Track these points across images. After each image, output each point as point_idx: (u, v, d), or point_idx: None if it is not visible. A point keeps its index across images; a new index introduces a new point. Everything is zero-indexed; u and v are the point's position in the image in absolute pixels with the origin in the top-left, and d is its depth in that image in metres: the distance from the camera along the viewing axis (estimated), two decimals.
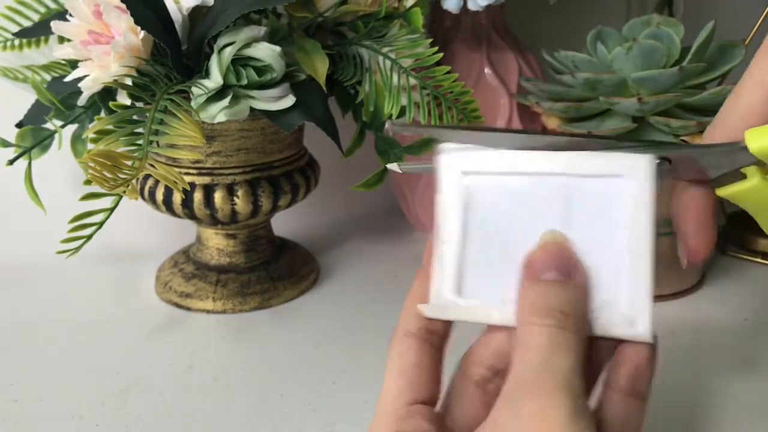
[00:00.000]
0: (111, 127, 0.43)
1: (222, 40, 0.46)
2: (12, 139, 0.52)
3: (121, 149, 0.42)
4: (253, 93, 0.47)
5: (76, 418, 0.44)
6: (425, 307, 0.31)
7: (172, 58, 0.46)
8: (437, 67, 0.48)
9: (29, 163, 0.52)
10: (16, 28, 0.58)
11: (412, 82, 0.48)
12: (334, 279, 0.61)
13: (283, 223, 0.64)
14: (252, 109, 0.47)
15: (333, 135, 0.49)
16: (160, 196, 0.53)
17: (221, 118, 0.45)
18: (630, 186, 0.30)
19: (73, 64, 0.49)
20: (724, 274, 0.60)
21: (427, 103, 0.49)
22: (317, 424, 0.43)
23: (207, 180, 0.53)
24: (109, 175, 0.41)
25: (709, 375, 0.47)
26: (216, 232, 0.57)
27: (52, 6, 0.57)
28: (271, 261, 0.59)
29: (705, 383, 0.46)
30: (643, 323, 0.29)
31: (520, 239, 0.30)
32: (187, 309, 0.56)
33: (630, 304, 0.29)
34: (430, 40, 0.48)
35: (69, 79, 0.48)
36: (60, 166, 0.61)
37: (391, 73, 0.48)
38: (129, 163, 0.42)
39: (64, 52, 0.47)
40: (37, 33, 0.56)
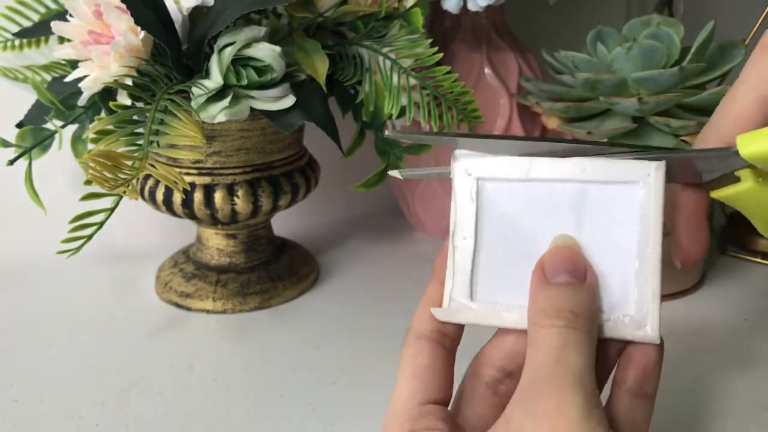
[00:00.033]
0: (111, 127, 0.43)
1: (222, 40, 0.46)
2: (12, 139, 0.52)
3: (121, 149, 0.42)
4: (253, 93, 0.47)
5: (76, 418, 0.44)
6: (438, 310, 0.32)
7: (172, 58, 0.46)
8: (437, 67, 0.48)
9: (29, 163, 0.52)
10: (16, 28, 0.58)
11: (412, 82, 0.48)
12: (334, 279, 0.61)
13: (283, 223, 0.64)
14: (252, 109, 0.47)
15: (333, 135, 0.49)
16: (160, 196, 0.53)
17: (221, 118, 0.45)
18: (640, 192, 0.30)
19: (73, 64, 0.49)
20: (724, 274, 0.60)
21: (427, 103, 0.49)
22: (317, 424, 0.43)
23: (207, 180, 0.53)
24: (109, 175, 0.41)
25: (709, 375, 0.47)
26: (216, 232, 0.57)
27: (52, 6, 0.57)
28: (271, 261, 0.59)
29: (705, 383, 0.47)
30: (652, 326, 0.30)
31: (533, 244, 0.31)
32: (187, 309, 0.56)
33: (639, 307, 0.30)
34: (430, 40, 0.48)
35: (69, 79, 0.48)
36: (60, 166, 0.61)
37: (391, 73, 0.48)
38: (129, 163, 0.42)
39: (64, 52, 0.47)
40: (37, 33, 0.56)
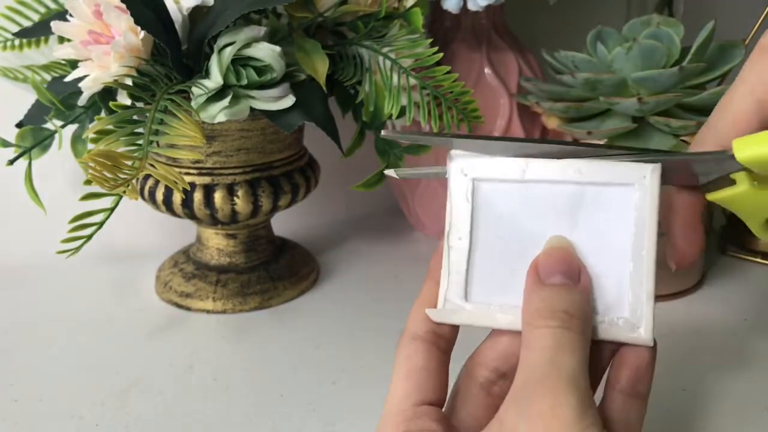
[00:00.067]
0: (111, 127, 0.43)
1: (222, 40, 0.46)
2: (12, 139, 0.52)
3: (121, 149, 0.42)
4: (253, 93, 0.47)
5: (76, 418, 0.44)
6: (433, 311, 0.32)
7: (172, 58, 0.46)
8: (437, 67, 0.48)
9: (29, 163, 0.52)
10: (16, 28, 0.58)
11: (412, 82, 0.48)
12: (334, 279, 0.61)
13: (283, 223, 0.64)
14: (252, 109, 0.47)
15: (333, 135, 0.49)
16: (160, 196, 0.53)
17: (221, 118, 0.45)
18: (636, 194, 0.30)
19: (73, 64, 0.49)
20: (724, 274, 0.60)
21: (427, 103, 0.49)
22: (317, 424, 0.43)
23: (207, 180, 0.53)
24: (109, 175, 0.41)
25: (709, 375, 0.47)
26: (216, 232, 0.57)
27: (52, 6, 0.57)
28: (271, 261, 0.59)
29: (705, 383, 0.46)
30: (645, 328, 0.30)
31: (528, 245, 0.31)
32: (187, 309, 0.56)
33: (632, 309, 0.30)
34: (430, 40, 0.48)
35: (69, 79, 0.48)
36: (60, 166, 0.61)
37: (391, 73, 0.48)
38: (129, 163, 0.42)
39: (64, 52, 0.47)
40: (37, 33, 0.56)
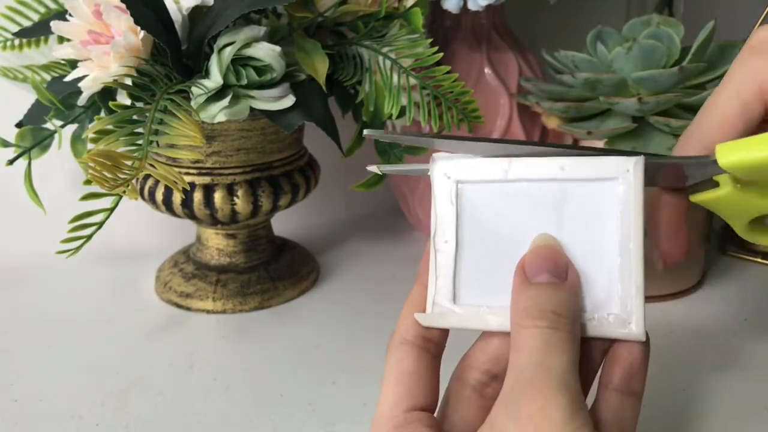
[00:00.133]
0: (111, 127, 0.43)
1: (222, 40, 0.46)
2: (12, 139, 0.52)
3: (121, 149, 0.42)
4: (253, 93, 0.47)
5: (76, 418, 0.44)
6: (422, 316, 0.31)
7: (172, 58, 0.46)
8: (437, 67, 0.48)
9: (29, 163, 0.52)
10: (16, 28, 0.58)
11: (412, 82, 0.48)
12: (334, 279, 0.61)
13: (283, 223, 0.64)
14: (252, 109, 0.47)
15: (333, 135, 0.49)
16: (160, 196, 0.53)
17: (221, 118, 0.45)
18: (620, 188, 0.30)
19: (73, 64, 0.49)
20: (724, 274, 0.60)
21: (427, 103, 0.49)
22: (317, 424, 0.43)
23: (207, 180, 0.53)
24: (109, 175, 0.41)
25: (709, 375, 0.47)
26: (216, 232, 0.57)
27: (52, 6, 0.57)
28: (271, 261, 0.59)
29: (705, 383, 0.46)
30: (636, 323, 0.30)
31: (514, 245, 0.31)
32: (187, 309, 0.56)
33: (622, 304, 0.30)
34: (430, 40, 0.48)
35: (69, 79, 0.48)
36: (60, 166, 0.61)
37: (391, 73, 0.48)
38: (129, 163, 0.42)
39: (64, 52, 0.47)
40: (37, 33, 0.56)
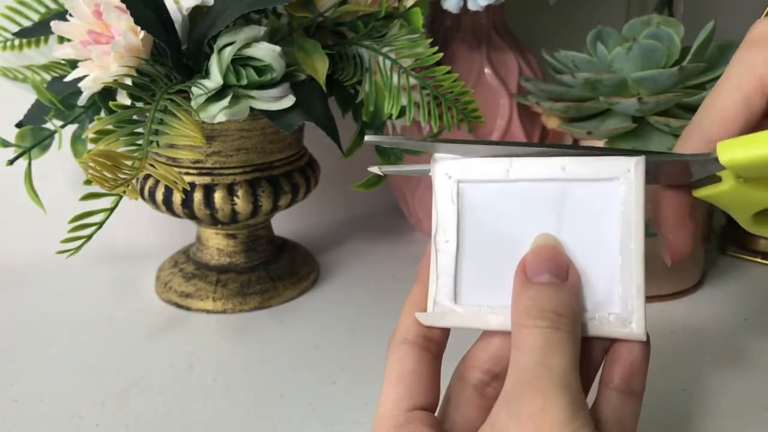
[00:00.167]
0: (111, 127, 0.43)
1: (222, 40, 0.46)
2: (12, 139, 0.52)
3: (121, 149, 0.42)
4: (253, 93, 0.47)
5: (76, 418, 0.44)
6: (423, 315, 0.31)
7: (172, 58, 0.46)
8: (437, 67, 0.48)
9: (29, 163, 0.52)
10: (16, 28, 0.58)
11: (412, 82, 0.48)
12: (334, 279, 0.61)
13: (283, 223, 0.64)
14: (252, 109, 0.47)
15: (333, 135, 0.49)
16: (160, 196, 0.53)
17: (221, 118, 0.45)
18: (621, 188, 0.30)
19: (73, 64, 0.49)
20: (724, 274, 0.60)
21: (427, 103, 0.49)
22: (317, 424, 0.43)
23: (207, 180, 0.53)
24: (109, 175, 0.41)
25: (709, 375, 0.47)
26: (216, 232, 0.57)
27: (52, 6, 0.57)
28: (271, 261, 0.59)
29: (705, 383, 0.46)
30: (637, 323, 0.30)
31: (515, 244, 0.31)
32: (187, 309, 0.56)
33: (623, 304, 0.30)
34: (430, 40, 0.48)
35: (69, 79, 0.48)
36: (60, 166, 0.61)
37: (391, 73, 0.48)
38: (129, 163, 0.42)
39: (64, 52, 0.47)
40: (37, 33, 0.56)
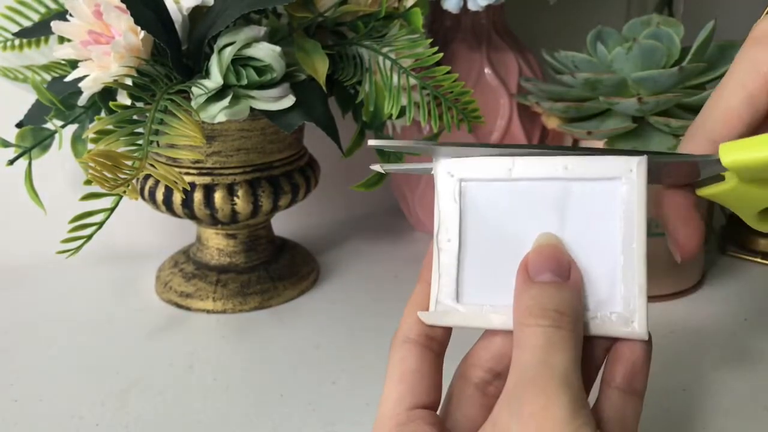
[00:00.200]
0: (111, 127, 0.43)
1: (222, 40, 0.46)
2: (12, 139, 0.52)
3: (121, 149, 0.42)
4: (253, 93, 0.47)
5: (76, 418, 0.44)
6: (425, 314, 0.31)
7: (172, 58, 0.46)
8: (437, 67, 0.48)
9: (29, 163, 0.52)
10: (16, 28, 0.58)
11: (412, 82, 0.48)
12: (334, 279, 0.61)
13: (283, 223, 0.64)
14: (252, 109, 0.47)
15: (333, 135, 0.49)
16: (160, 196, 0.53)
17: (221, 118, 0.45)
18: (623, 188, 0.30)
19: (73, 64, 0.49)
20: (724, 274, 0.60)
21: (427, 103, 0.49)
22: (317, 424, 0.43)
23: (207, 180, 0.53)
24: (109, 175, 0.41)
25: (710, 375, 0.47)
26: (216, 232, 0.57)
27: (52, 6, 0.57)
28: (271, 261, 0.59)
29: (705, 383, 0.47)
30: (639, 322, 0.30)
31: (517, 244, 0.31)
32: (187, 309, 0.56)
33: (625, 303, 0.30)
34: (430, 40, 0.48)
35: (69, 79, 0.48)
36: (60, 166, 0.61)
37: (391, 73, 0.48)
38: (129, 163, 0.42)
39: (64, 52, 0.47)
40: (37, 33, 0.56)
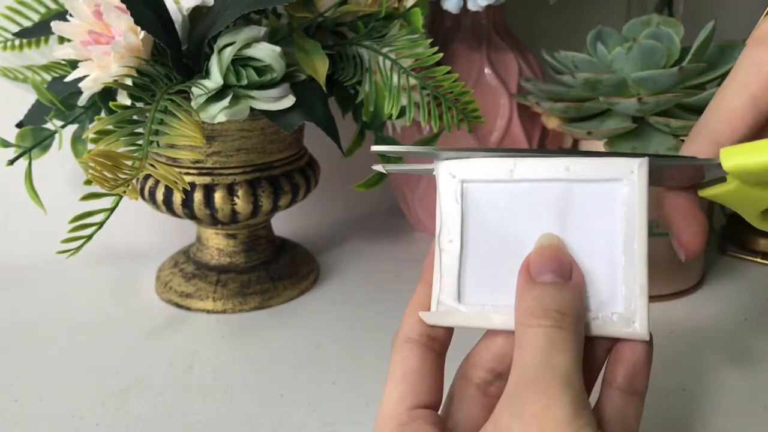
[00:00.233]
0: (111, 127, 0.43)
1: (222, 41, 0.46)
2: (12, 139, 0.52)
3: (121, 149, 0.42)
4: (253, 93, 0.47)
5: (76, 418, 0.44)
6: (426, 314, 0.32)
7: (172, 58, 0.46)
8: (437, 67, 0.48)
9: (29, 163, 0.52)
10: (16, 28, 0.58)
11: (412, 82, 0.48)
12: (334, 279, 0.61)
13: (283, 223, 0.64)
14: (252, 109, 0.47)
15: (333, 135, 0.49)
16: (160, 196, 0.53)
17: (221, 118, 0.45)
18: (624, 189, 0.30)
19: (73, 64, 0.49)
20: (724, 274, 0.60)
21: (427, 103, 0.49)
22: (317, 424, 0.43)
23: (207, 180, 0.53)
24: (109, 175, 0.41)
25: (710, 375, 0.47)
26: (216, 232, 0.57)
27: (52, 6, 0.57)
28: (271, 261, 0.59)
29: (705, 383, 0.47)
30: (640, 322, 0.30)
31: (519, 244, 0.31)
32: (187, 309, 0.56)
33: (626, 303, 0.30)
34: (430, 40, 0.48)
35: (69, 79, 0.48)
36: (60, 166, 0.61)
37: (391, 73, 0.48)
38: (129, 163, 0.42)
39: (64, 52, 0.47)
40: (37, 33, 0.56)
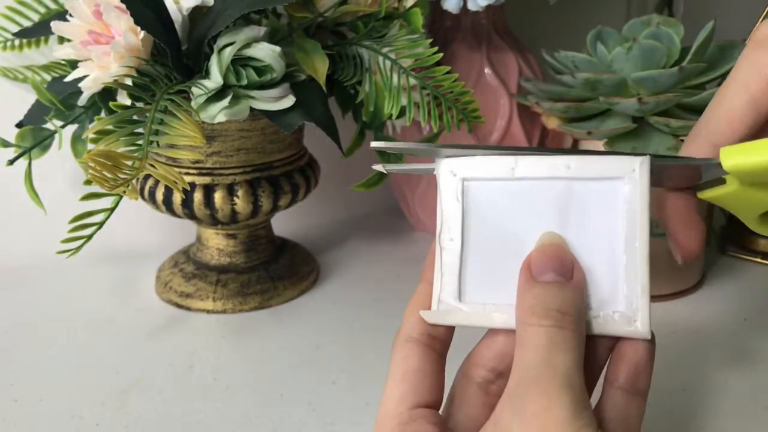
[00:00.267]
0: (111, 127, 0.43)
1: (222, 40, 0.46)
2: (12, 139, 0.52)
3: (121, 149, 0.42)
4: (253, 93, 0.47)
5: (76, 418, 0.44)
6: (427, 313, 0.31)
7: (172, 58, 0.46)
8: (437, 67, 0.48)
9: (29, 163, 0.52)
10: (16, 28, 0.58)
11: (412, 82, 0.48)
12: (334, 279, 0.61)
13: (283, 223, 0.64)
14: (252, 109, 0.47)
15: (333, 135, 0.49)
16: (160, 196, 0.53)
17: (221, 118, 0.45)
18: (626, 188, 0.30)
19: (73, 64, 0.49)
20: (724, 274, 0.60)
21: (427, 103, 0.49)
22: (317, 424, 0.43)
23: (207, 180, 0.53)
24: (109, 175, 0.41)
25: (710, 375, 0.47)
26: (216, 232, 0.57)
27: (52, 6, 0.57)
28: (271, 261, 0.59)
29: (705, 383, 0.47)
30: (642, 321, 0.30)
31: (520, 243, 0.31)
32: (187, 309, 0.56)
33: (628, 302, 0.30)
34: (430, 40, 0.48)
35: (69, 79, 0.48)
36: (60, 166, 0.61)
37: (391, 73, 0.48)
38: (129, 163, 0.42)
39: (64, 52, 0.47)
40: (37, 33, 0.56)
